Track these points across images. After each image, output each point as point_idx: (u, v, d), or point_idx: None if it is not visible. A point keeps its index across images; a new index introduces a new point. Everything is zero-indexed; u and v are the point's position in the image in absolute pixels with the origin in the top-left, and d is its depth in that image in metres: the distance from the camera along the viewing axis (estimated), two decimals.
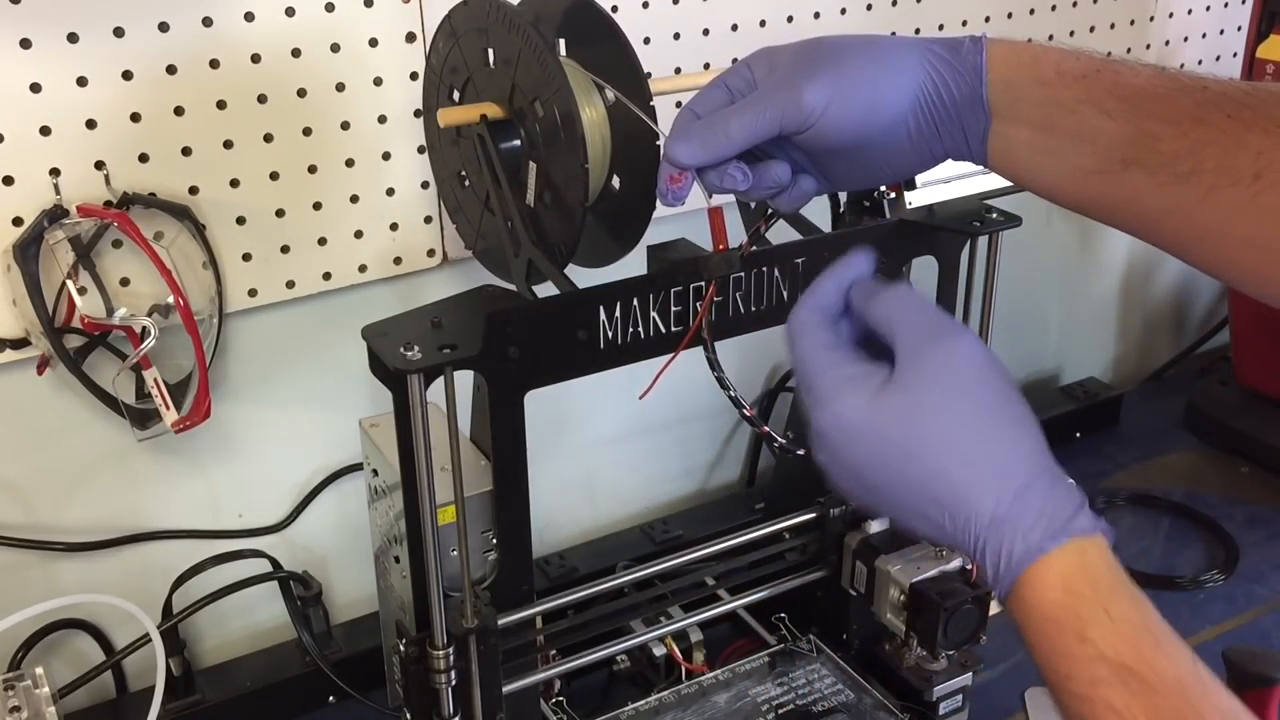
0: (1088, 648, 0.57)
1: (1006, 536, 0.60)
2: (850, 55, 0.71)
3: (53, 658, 1.01)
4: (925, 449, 0.61)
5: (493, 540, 0.85)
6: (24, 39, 0.84)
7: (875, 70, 0.71)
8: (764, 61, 0.73)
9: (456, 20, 0.84)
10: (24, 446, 0.96)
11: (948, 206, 0.90)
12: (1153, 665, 0.57)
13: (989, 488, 0.61)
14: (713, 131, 0.71)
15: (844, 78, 0.70)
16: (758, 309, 0.86)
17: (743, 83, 0.73)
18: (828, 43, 0.72)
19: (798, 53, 0.72)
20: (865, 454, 0.63)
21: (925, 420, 0.61)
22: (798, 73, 0.70)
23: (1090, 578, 0.59)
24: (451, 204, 0.92)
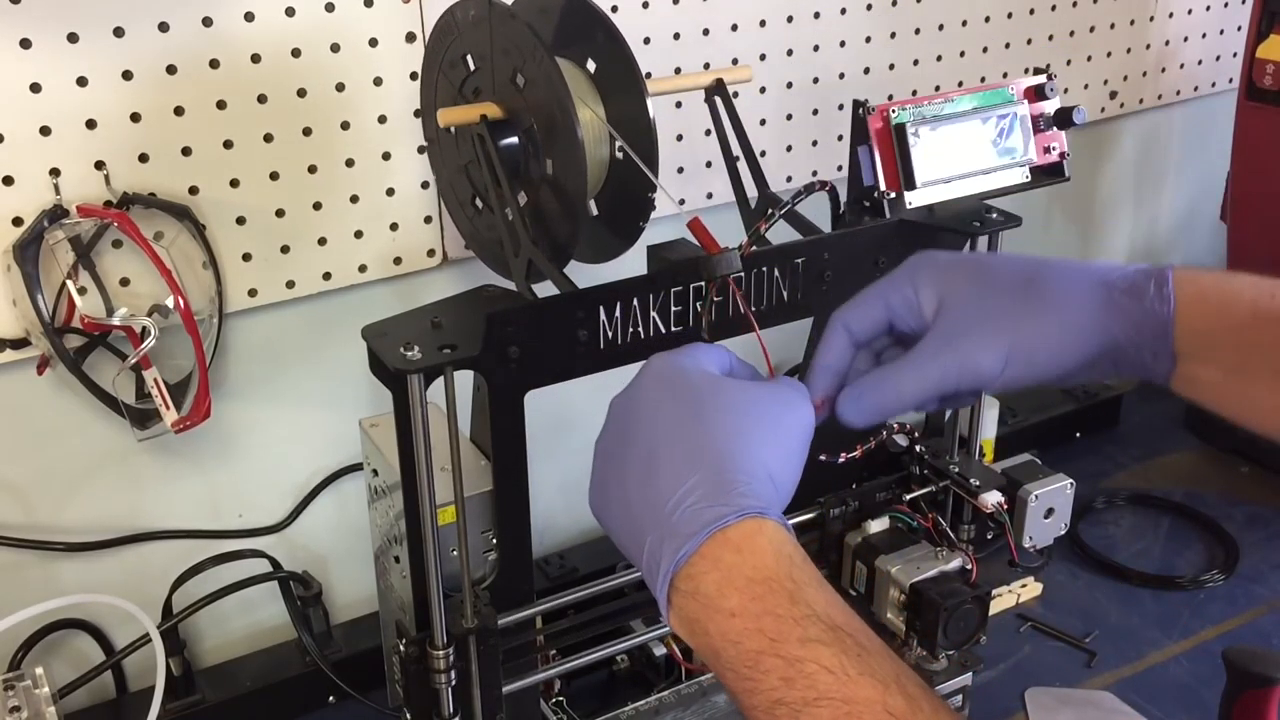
0: (800, 608, 0.57)
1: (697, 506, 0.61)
2: (1028, 309, 0.70)
3: (53, 658, 1.01)
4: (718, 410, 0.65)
5: (493, 540, 0.85)
6: (24, 39, 0.84)
7: (1054, 329, 0.69)
8: (931, 289, 0.72)
9: (454, 19, 0.84)
10: (24, 446, 0.96)
11: (948, 206, 0.90)
12: (861, 629, 0.57)
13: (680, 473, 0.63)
14: (884, 395, 0.71)
15: (1021, 338, 0.69)
16: (758, 309, 0.86)
17: (905, 307, 0.73)
18: (1001, 281, 0.71)
19: (971, 292, 0.71)
20: (658, 387, 0.68)
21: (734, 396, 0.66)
22: (973, 329, 0.70)
23: (796, 547, 0.60)
24: (452, 203, 0.92)
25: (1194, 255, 1.64)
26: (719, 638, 0.58)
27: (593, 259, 0.88)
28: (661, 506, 0.62)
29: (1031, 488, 0.98)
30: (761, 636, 0.56)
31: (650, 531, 0.62)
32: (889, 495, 0.97)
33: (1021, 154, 0.91)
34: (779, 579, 0.58)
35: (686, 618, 0.60)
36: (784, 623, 0.56)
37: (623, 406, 0.69)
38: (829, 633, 0.55)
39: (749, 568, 0.58)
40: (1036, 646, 1.12)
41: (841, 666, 0.54)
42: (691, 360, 0.69)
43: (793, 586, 0.57)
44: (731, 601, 0.58)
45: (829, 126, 1.21)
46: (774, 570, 0.58)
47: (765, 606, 0.57)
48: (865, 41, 1.20)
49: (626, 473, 0.65)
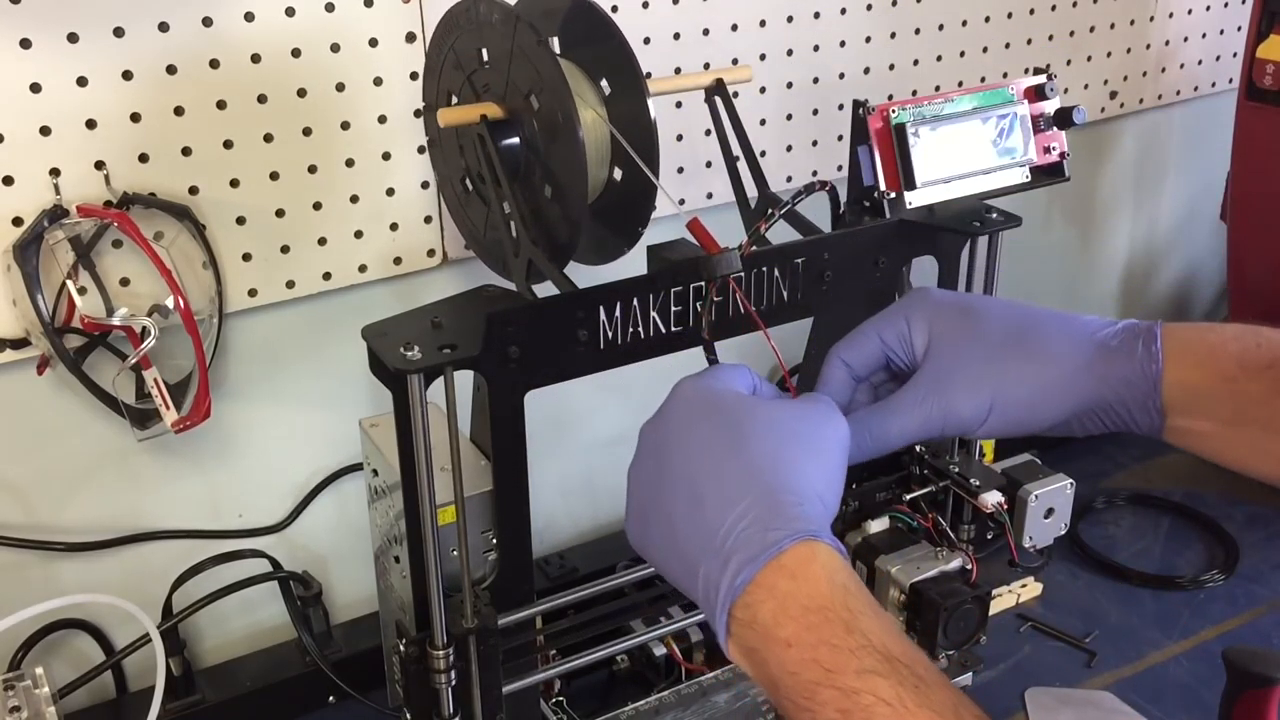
0: (856, 638, 0.56)
1: (749, 533, 0.60)
2: (1014, 363, 0.71)
3: (53, 658, 1.01)
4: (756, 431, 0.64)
5: (493, 540, 0.85)
6: (24, 39, 0.84)
7: (1038, 384, 0.70)
8: (923, 328, 0.73)
9: (455, 19, 0.84)
10: (24, 446, 0.96)
11: (948, 206, 0.90)
12: (918, 659, 0.56)
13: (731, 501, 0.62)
14: (868, 436, 0.72)
15: (1005, 392, 0.70)
16: (758, 309, 0.86)
17: (899, 344, 0.74)
18: (991, 330, 0.72)
19: (959, 338, 0.72)
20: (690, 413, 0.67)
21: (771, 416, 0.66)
22: (957, 378, 0.71)
23: (850, 573, 0.60)
24: (453, 202, 0.92)
25: (1194, 255, 1.64)
26: (776, 668, 0.57)
27: (593, 260, 0.88)
28: (713, 535, 0.61)
29: (1031, 488, 0.98)
30: (818, 667, 0.56)
31: (703, 561, 0.61)
32: (889, 495, 0.97)
33: (1021, 154, 0.91)
34: (834, 608, 0.57)
35: (745, 648, 0.59)
36: (840, 653, 0.56)
37: (655, 434, 0.68)
38: (885, 664, 0.55)
39: (804, 596, 0.58)
40: (1036, 646, 1.12)
41: (899, 698, 0.54)
42: (719, 382, 0.68)
43: (848, 615, 0.57)
44: (787, 631, 0.57)
45: (829, 126, 1.21)
46: (829, 598, 0.57)
47: (821, 636, 0.56)
48: (865, 41, 1.20)
49: (669, 502, 0.64)
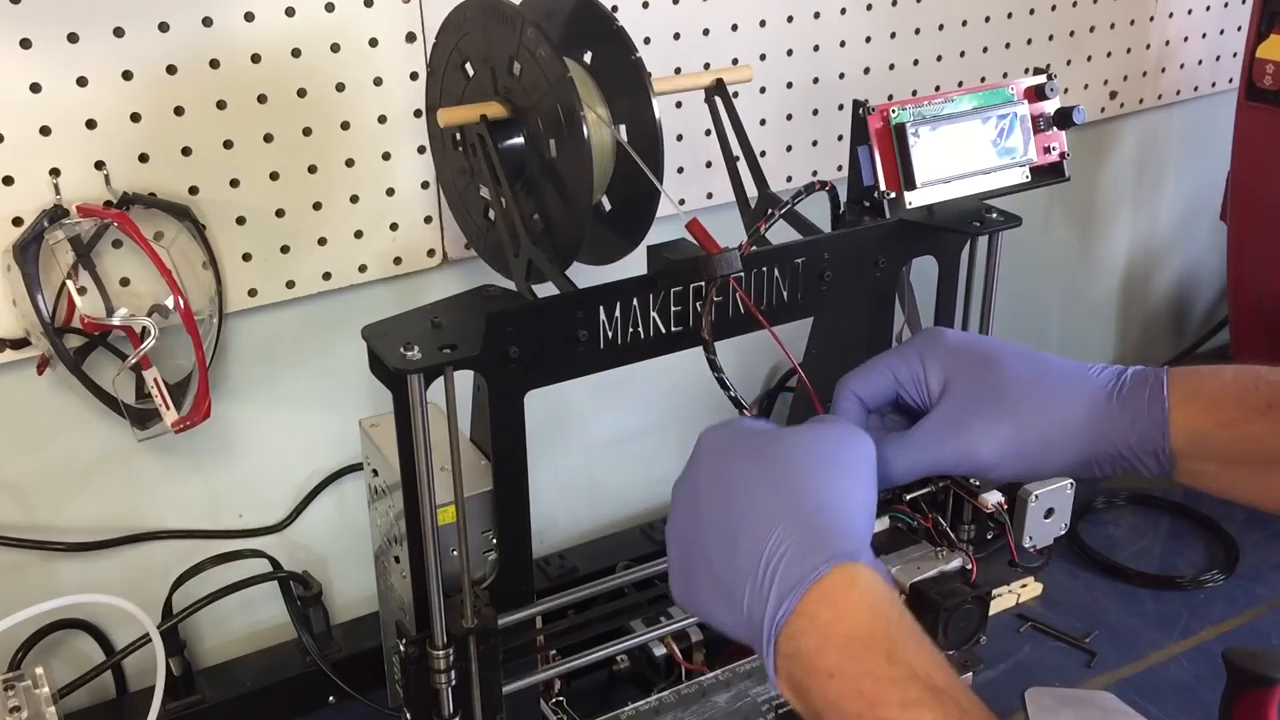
0: (899, 668, 0.56)
1: (789, 559, 0.60)
2: (1030, 406, 0.72)
3: (53, 658, 1.01)
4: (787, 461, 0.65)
5: (493, 540, 0.85)
6: (24, 39, 0.84)
7: (1055, 429, 0.72)
8: (938, 371, 0.75)
9: (459, 19, 0.84)
10: (24, 446, 0.96)
11: (948, 206, 0.90)
12: (961, 690, 0.56)
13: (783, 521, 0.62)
14: (885, 468, 0.73)
15: (1019, 439, 0.72)
16: (758, 309, 0.86)
17: (912, 383, 0.76)
18: (1006, 378, 0.73)
19: (976, 382, 0.73)
20: (721, 461, 0.66)
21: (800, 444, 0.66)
22: (974, 423, 0.72)
23: (892, 597, 0.60)
24: (455, 202, 0.92)
25: (1194, 255, 1.64)
26: (820, 700, 0.57)
27: (596, 261, 0.88)
28: (752, 571, 0.61)
29: (1031, 488, 0.98)
30: (860, 699, 0.55)
31: (746, 598, 0.61)
32: (889, 495, 0.97)
33: (1021, 154, 0.91)
34: (876, 636, 0.57)
35: (791, 681, 0.59)
36: (882, 684, 0.55)
37: (685, 487, 0.67)
38: (929, 694, 0.54)
39: (846, 625, 0.57)
40: (1036, 646, 1.12)
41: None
42: (738, 424, 0.69)
43: (889, 645, 0.57)
44: (830, 661, 0.57)
45: (829, 126, 1.21)
46: (870, 627, 0.57)
47: (863, 667, 0.56)
48: (865, 41, 1.20)
49: (706, 547, 0.64)
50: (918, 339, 0.78)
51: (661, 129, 0.81)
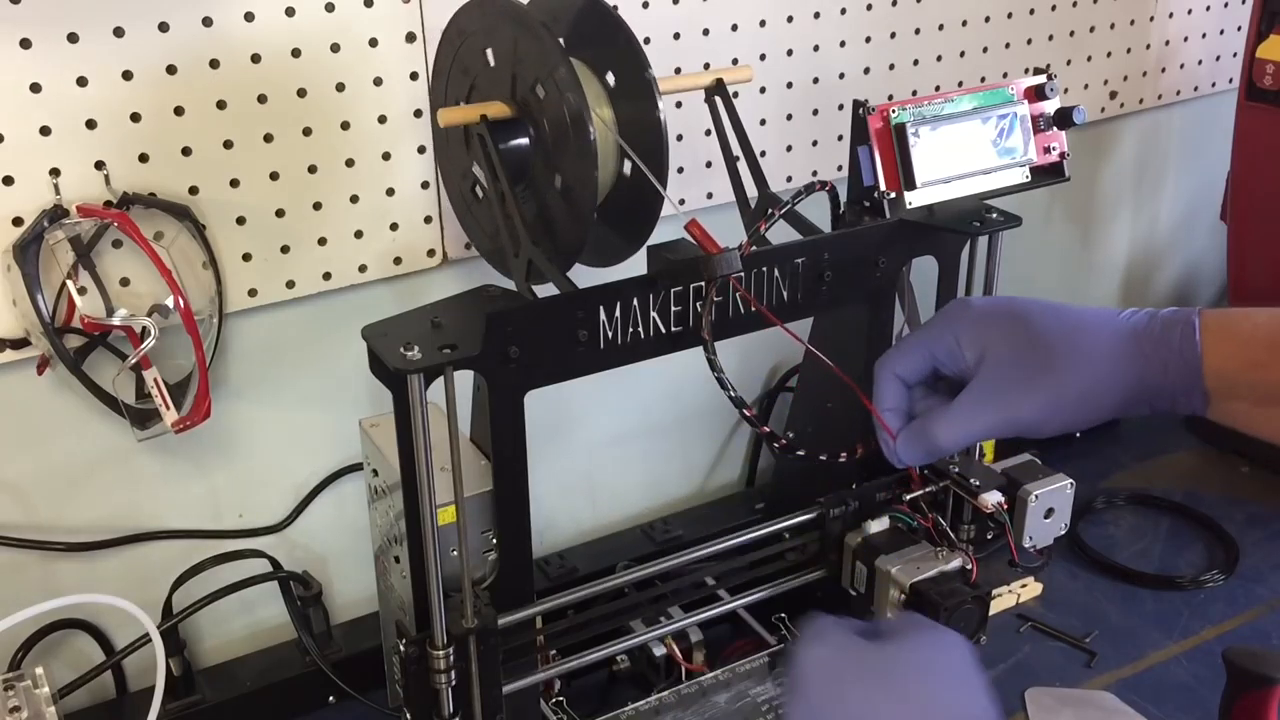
0: None
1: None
2: (1065, 364, 0.75)
3: (53, 658, 1.01)
4: None
5: (493, 540, 0.85)
6: (24, 39, 0.84)
7: (1090, 382, 0.74)
8: (973, 340, 0.77)
9: (464, 19, 0.84)
10: (24, 446, 0.96)
11: (948, 206, 0.90)
12: None
13: None
14: (935, 440, 0.78)
15: (1060, 392, 0.74)
16: (758, 309, 0.86)
17: (948, 356, 0.79)
18: (1039, 335, 0.75)
19: (1011, 345, 0.76)
20: (836, 689, 0.67)
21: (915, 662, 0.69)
22: (1015, 384, 0.75)
23: None
24: (458, 202, 0.92)
25: (1194, 255, 1.64)
26: None
27: (599, 262, 0.88)
28: None
29: (1031, 488, 0.98)
30: None
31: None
32: (889, 495, 0.97)
33: (1021, 154, 0.91)
34: None
35: None
36: None
37: (803, 712, 0.68)
38: None
39: None
40: (1036, 646, 1.12)
41: None
42: (834, 636, 0.71)
43: None
44: None
45: (829, 126, 1.21)
46: None
47: None
48: (865, 41, 1.20)
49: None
50: (947, 311, 0.80)
51: (667, 129, 0.81)
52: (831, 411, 0.98)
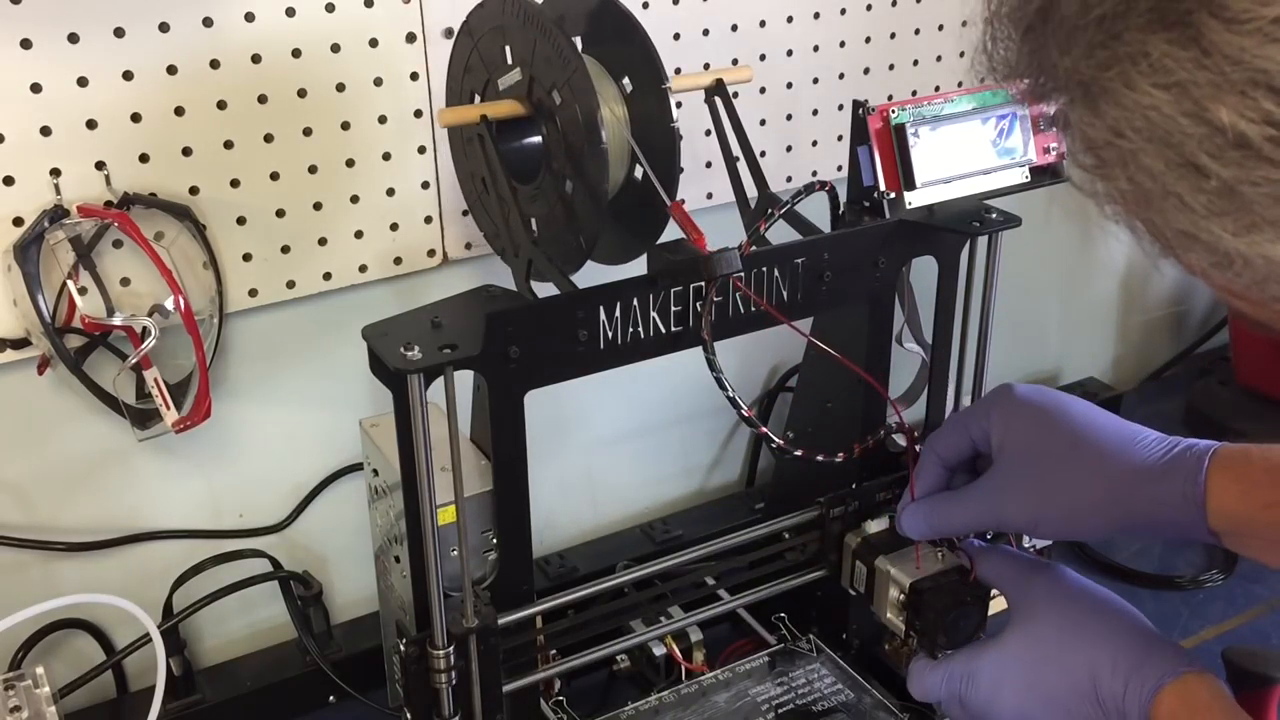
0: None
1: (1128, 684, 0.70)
2: (1065, 480, 0.78)
3: (53, 658, 1.01)
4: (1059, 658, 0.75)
5: (493, 540, 0.85)
6: (24, 39, 0.84)
7: (1086, 503, 0.77)
8: (999, 429, 0.81)
9: (476, 19, 0.84)
10: (24, 446, 0.96)
11: (948, 206, 0.90)
12: None
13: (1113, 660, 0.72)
14: (938, 520, 0.86)
15: (1053, 505, 0.79)
16: (758, 309, 0.86)
17: (982, 438, 0.84)
18: (1051, 444, 0.79)
19: (1023, 447, 0.80)
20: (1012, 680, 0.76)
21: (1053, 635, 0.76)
22: (1011, 490, 0.80)
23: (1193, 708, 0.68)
24: (473, 200, 0.92)
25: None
26: None
27: (608, 260, 0.88)
28: None
29: None
30: None
31: None
32: (889, 495, 0.97)
33: (1021, 154, 0.91)
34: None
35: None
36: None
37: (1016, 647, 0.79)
38: None
39: None
40: None
41: None
42: None
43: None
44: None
45: (829, 126, 1.21)
46: None
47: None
48: (865, 41, 1.20)
49: None
50: (991, 394, 0.85)
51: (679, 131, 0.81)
52: (831, 411, 0.98)
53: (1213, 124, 0.38)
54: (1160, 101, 0.40)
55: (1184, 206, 0.41)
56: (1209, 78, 0.38)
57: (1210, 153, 0.39)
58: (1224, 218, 0.40)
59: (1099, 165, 0.44)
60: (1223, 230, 0.41)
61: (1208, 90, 0.38)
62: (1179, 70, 0.39)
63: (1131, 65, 0.40)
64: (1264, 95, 0.37)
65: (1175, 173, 0.40)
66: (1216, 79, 0.38)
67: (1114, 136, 0.42)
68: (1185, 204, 0.41)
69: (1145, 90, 0.40)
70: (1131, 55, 0.40)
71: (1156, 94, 0.40)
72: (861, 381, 0.94)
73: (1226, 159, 0.39)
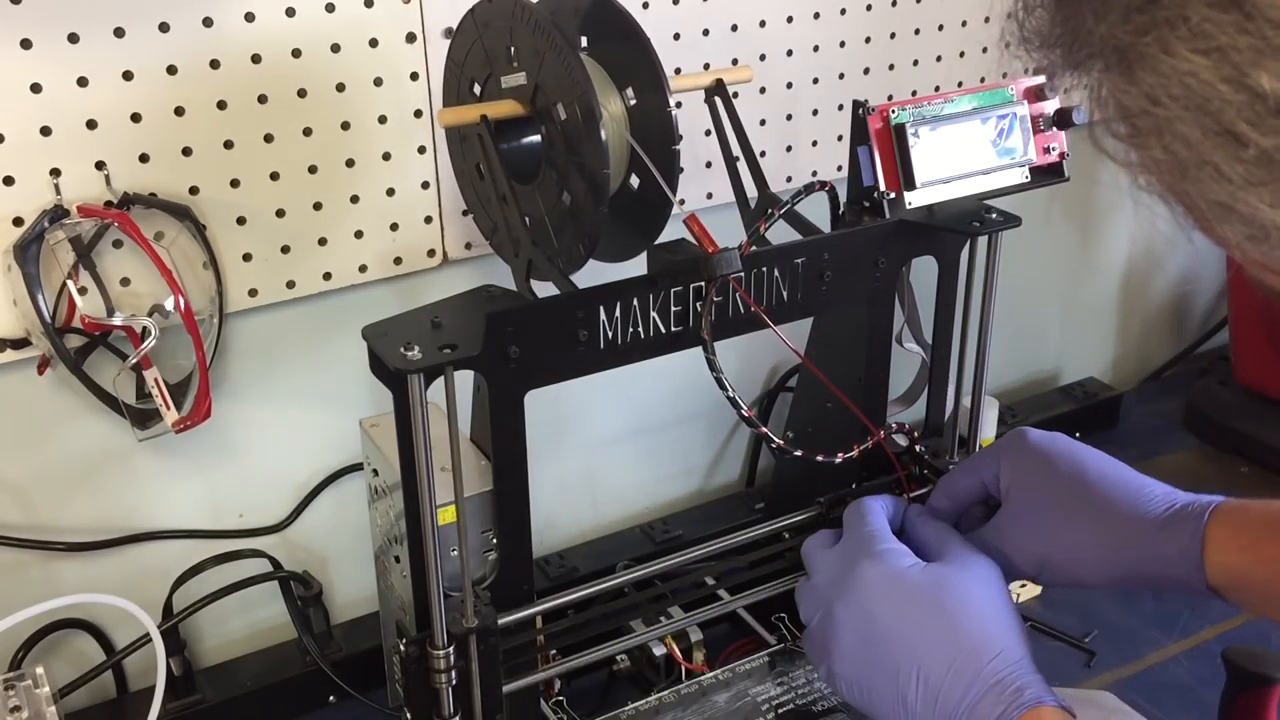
0: None
1: None
2: (1067, 531, 0.79)
3: (53, 658, 1.01)
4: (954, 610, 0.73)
5: (493, 540, 0.85)
6: (24, 39, 0.84)
7: (1087, 555, 0.78)
8: (1009, 470, 0.82)
9: (478, 17, 0.84)
10: (24, 446, 0.96)
11: (948, 206, 0.90)
12: None
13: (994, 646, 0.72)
14: None
15: (1054, 555, 0.79)
16: (756, 312, 0.86)
17: (993, 481, 0.84)
18: (1056, 495, 0.79)
19: (1028, 493, 0.81)
20: (894, 602, 0.73)
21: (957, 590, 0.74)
22: (1017, 535, 0.80)
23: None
24: (471, 198, 0.92)
25: (1194, 255, 1.64)
26: None
27: (610, 260, 0.88)
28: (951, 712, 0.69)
29: None
30: None
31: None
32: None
33: (1021, 154, 0.91)
34: None
35: None
36: None
37: (856, 616, 0.76)
38: None
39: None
40: (1036, 646, 1.10)
41: None
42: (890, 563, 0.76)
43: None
44: None
45: (829, 126, 1.21)
46: None
47: None
48: (865, 41, 1.20)
49: (895, 684, 0.72)
50: (1004, 440, 0.85)
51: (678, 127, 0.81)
52: (831, 411, 0.98)
53: (1253, 90, 0.37)
54: (1199, 67, 0.38)
55: (1220, 176, 0.40)
56: (1250, 42, 0.37)
57: (1249, 120, 0.38)
58: (1262, 188, 0.39)
59: (1134, 134, 0.43)
60: (1260, 201, 0.39)
61: (1249, 55, 0.37)
62: (1220, 35, 0.37)
63: (1170, 30, 0.39)
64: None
65: (1212, 141, 0.39)
66: (1258, 43, 0.37)
67: (1150, 104, 0.41)
68: (1222, 174, 0.40)
69: (1184, 56, 0.38)
70: (1170, 20, 0.39)
71: (1195, 59, 0.38)
72: (861, 382, 0.94)
73: (1266, 127, 0.38)
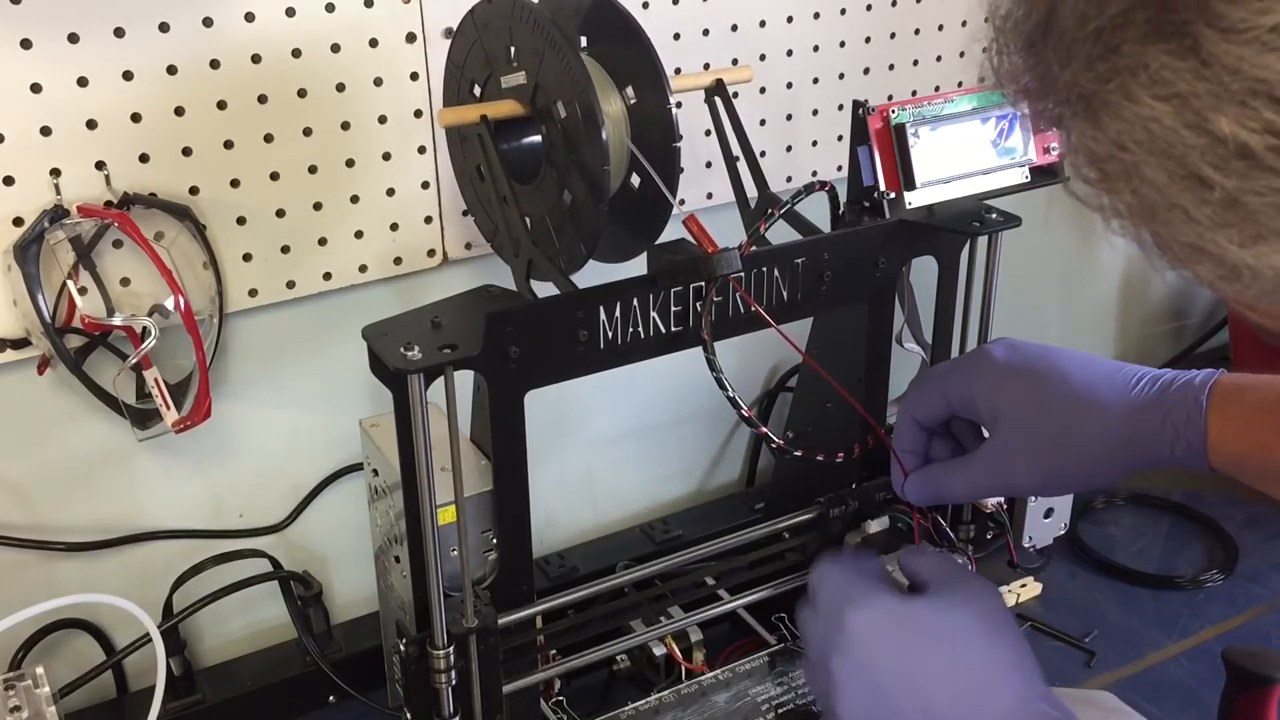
0: None
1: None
2: (1064, 438, 0.78)
3: (53, 658, 1.01)
4: (954, 645, 0.71)
5: (493, 540, 0.85)
6: (24, 39, 0.84)
7: (1087, 457, 0.78)
8: (989, 398, 0.81)
9: (478, 17, 0.84)
10: (24, 446, 0.96)
11: (948, 206, 0.90)
12: None
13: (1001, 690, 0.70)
14: (939, 488, 0.86)
15: (1062, 463, 0.79)
16: (757, 311, 0.86)
17: (963, 406, 0.84)
18: (1050, 405, 0.78)
19: (1022, 413, 0.80)
20: (890, 648, 0.71)
21: (954, 623, 0.72)
22: (1019, 455, 0.80)
23: None
24: (472, 201, 0.92)
25: None
26: None
27: (610, 260, 0.88)
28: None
29: None
30: None
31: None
32: (889, 495, 0.97)
33: (1021, 154, 0.91)
34: None
35: None
36: None
37: (853, 667, 0.72)
38: None
39: None
40: (1036, 646, 1.11)
41: None
42: (883, 603, 0.73)
43: None
44: None
45: (829, 126, 1.21)
46: None
47: None
48: (865, 41, 1.20)
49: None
50: (969, 359, 0.85)
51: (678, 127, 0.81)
52: (831, 411, 0.98)
53: (1214, 134, 0.38)
54: (1161, 113, 0.39)
55: (1189, 219, 0.41)
56: (1209, 88, 0.38)
57: (1213, 164, 0.39)
58: (1229, 229, 0.40)
59: (1103, 179, 0.44)
60: (1229, 242, 0.40)
61: (1208, 101, 0.38)
62: (1178, 81, 0.39)
63: (1131, 77, 0.40)
64: (1264, 105, 0.37)
65: (1179, 185, 0.40)
66: (1216, 89, 0.38)
67: (1116, 149, 0.42)
68: (1190, 216, 0.41)
69: (1145, 102, 0.40)
70: (1130, 67, 0.40)
71: (1157, 105, 0.39)
72: (861, 381, 0.94)
73: (1229, 169, 0.39)
